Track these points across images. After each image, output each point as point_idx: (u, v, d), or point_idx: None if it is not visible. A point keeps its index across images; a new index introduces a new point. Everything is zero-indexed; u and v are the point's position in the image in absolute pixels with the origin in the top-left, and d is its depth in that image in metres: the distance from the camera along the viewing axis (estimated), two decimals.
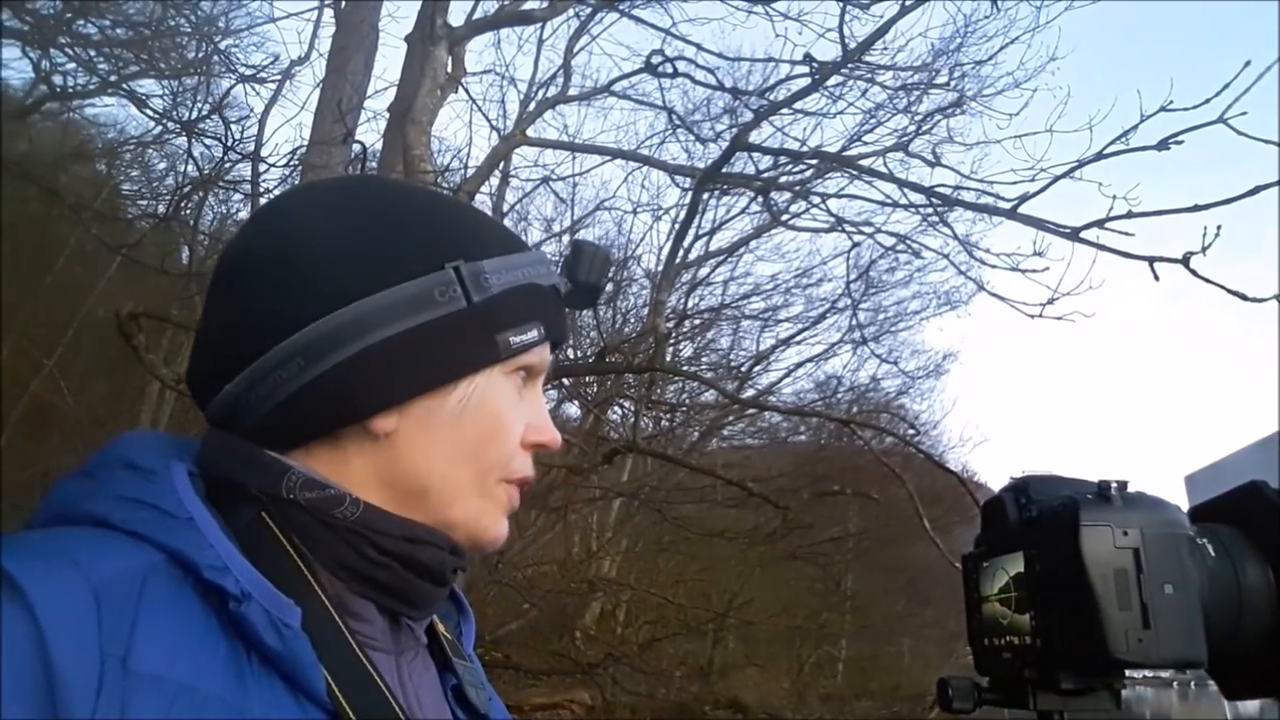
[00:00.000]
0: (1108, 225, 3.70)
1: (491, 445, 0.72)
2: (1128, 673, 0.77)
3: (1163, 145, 3.61)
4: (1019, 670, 0.81)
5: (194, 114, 6.15)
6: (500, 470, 0.72)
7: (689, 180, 6.20)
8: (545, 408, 0.78)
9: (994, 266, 5.18)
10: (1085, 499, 0.78)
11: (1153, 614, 0.74)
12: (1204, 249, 3.20)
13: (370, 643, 0.66)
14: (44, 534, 0.60)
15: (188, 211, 6.71)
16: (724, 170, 5.40)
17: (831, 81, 5.37)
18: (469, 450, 0.71)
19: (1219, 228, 3.17)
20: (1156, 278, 3.40)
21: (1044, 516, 0.81)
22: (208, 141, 5.78)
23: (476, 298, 0.70)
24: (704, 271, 11.73)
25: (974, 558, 0.89)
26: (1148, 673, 0.78)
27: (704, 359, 12.19)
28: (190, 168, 6.44)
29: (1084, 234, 3.85)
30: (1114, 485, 0.78)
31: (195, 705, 0.54)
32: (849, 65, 5.07)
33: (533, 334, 0.73)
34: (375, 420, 0.67)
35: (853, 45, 4.74)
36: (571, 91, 7.28)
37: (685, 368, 10.21)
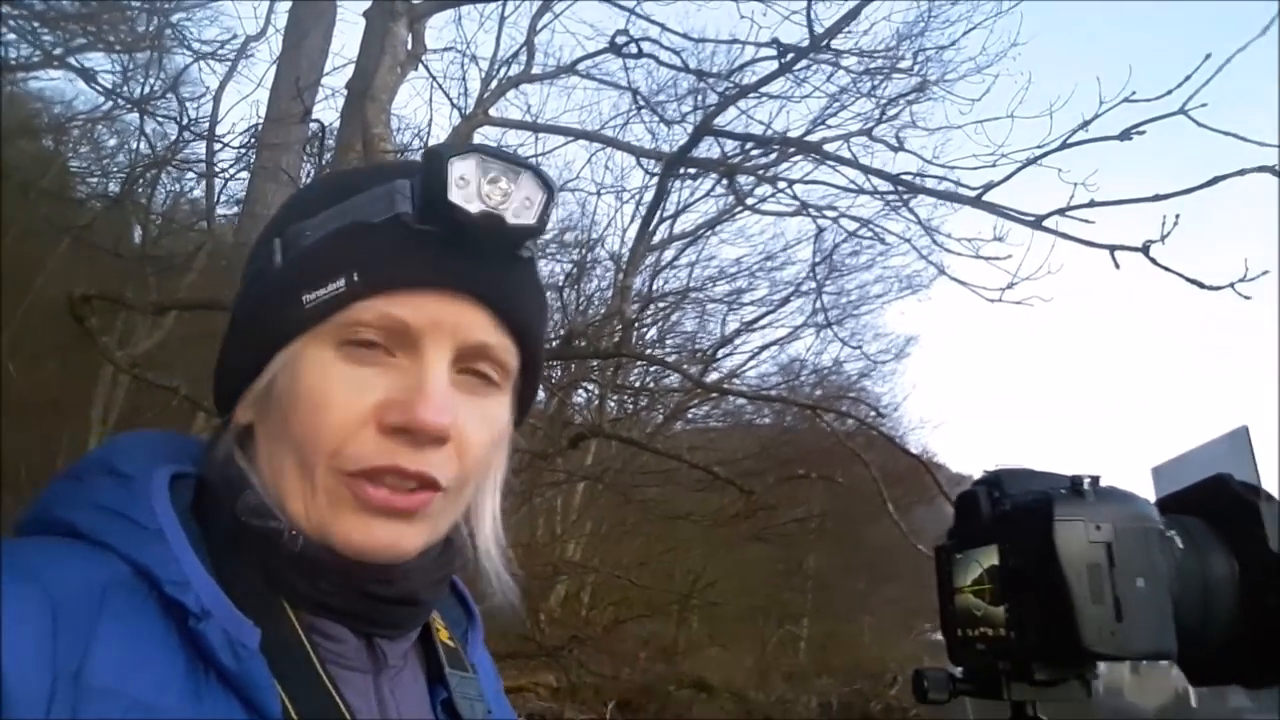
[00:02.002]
0: (1069, 213, 3.75)
1: (303, 427, 0.60)
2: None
3: (1125, 135, 3.66)
4: (993, 661, 0.82)
5: (146, 90, 5.98)
6: (325, 457, 0.60)
7: (654, 163, 6.17)
8: (425, 379, 0.60)
9: (956, 252, 5.22)
10: (1059, 493, 0.79)
11: (1125, 607, 0.75)
12: (1163, 237, 3.26)
13: (343, 662, 0.64)
14: (12, 545, 0.59)
15: (140, 191, 6.53)
16: (690, 154, 5.37)
17: (796, 66, 5.36)
18: (284, 434, 0.61)
19: (1177, 216, 3.23)
20: (1117, 266, 3.45)
21: (1017, 510, 0.82)
22: (161, 119, 5.64)
23: (283, 259, 0.62)
24: (669, 254, 11.73)
25: (947, 549, 0.89)
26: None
27: (669, 342, 12.21)
28: (143, 145, 6.27)
29: (1045, 222, 3.89)
30: (1087, 480, 0.79)
31: None
32: (815, 51, 5.06)
33: (336, 284, 0.59)
34: (236, 413, 0.66)
35: (819, 30, 4.73)
36: (534, 70, 7.18)
37: (650, 351, 10.21)
